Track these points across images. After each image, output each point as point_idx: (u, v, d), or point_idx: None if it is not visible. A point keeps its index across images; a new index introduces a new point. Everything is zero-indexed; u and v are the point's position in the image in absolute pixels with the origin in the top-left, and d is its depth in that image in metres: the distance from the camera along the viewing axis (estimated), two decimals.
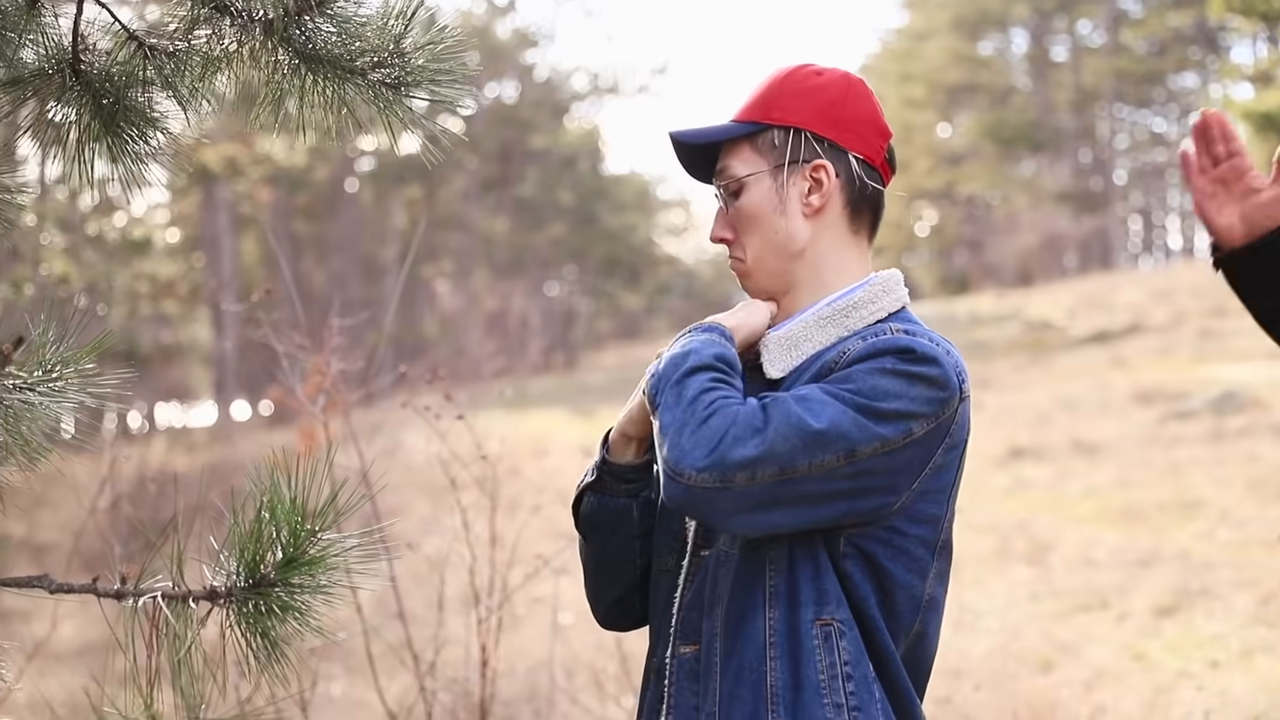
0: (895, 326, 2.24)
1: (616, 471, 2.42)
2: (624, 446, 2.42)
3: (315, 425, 5.28)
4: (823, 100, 2.34)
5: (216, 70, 2.13)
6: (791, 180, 2.31)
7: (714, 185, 2.38)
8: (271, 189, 41.27)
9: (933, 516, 2.24)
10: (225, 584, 2.07)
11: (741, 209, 2.33)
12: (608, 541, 2.45)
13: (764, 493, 2.06)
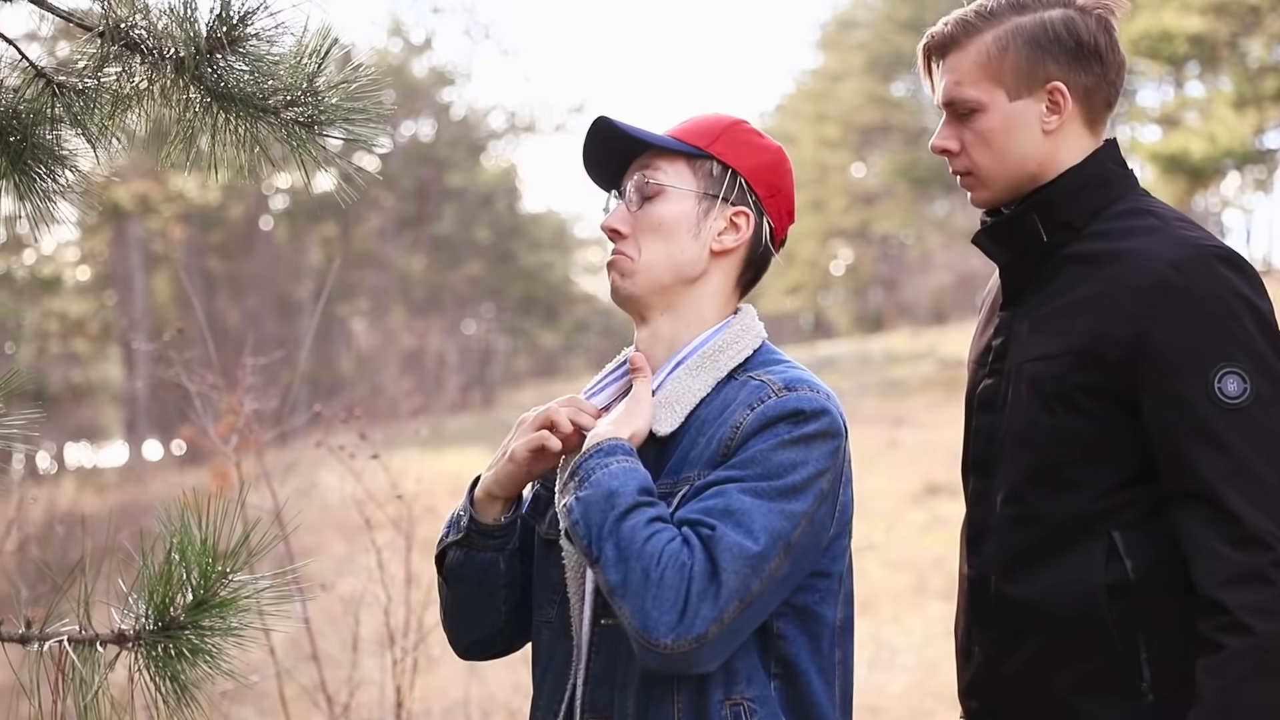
0: (774, 384, 2.24)
1: (483, 530, 2.40)
2: (489, 506, 2.40)
3: (228, 465, 5.23)
4: (763, 160, 2.39)
5: (127, 108, 2.11)
6: (715, 214, 2.34)
7: (633, 180, 2.37)
8: (184, 226, 40.87)
9: (843, 547, 2.29)
10: (134, 627, 2.04)
11: (653, 215, 2.34)
12: (474, 592, 2.45)
13: (733, 628, 2.10)
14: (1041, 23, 2.34)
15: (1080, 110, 2.38)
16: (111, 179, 2.36)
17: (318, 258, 47.20)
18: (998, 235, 2.47)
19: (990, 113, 2.38)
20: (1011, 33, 2.35)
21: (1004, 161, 2.40)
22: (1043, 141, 2.38)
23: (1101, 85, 2.38)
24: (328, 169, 2.25)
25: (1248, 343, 2.17)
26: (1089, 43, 2.35)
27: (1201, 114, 36.81)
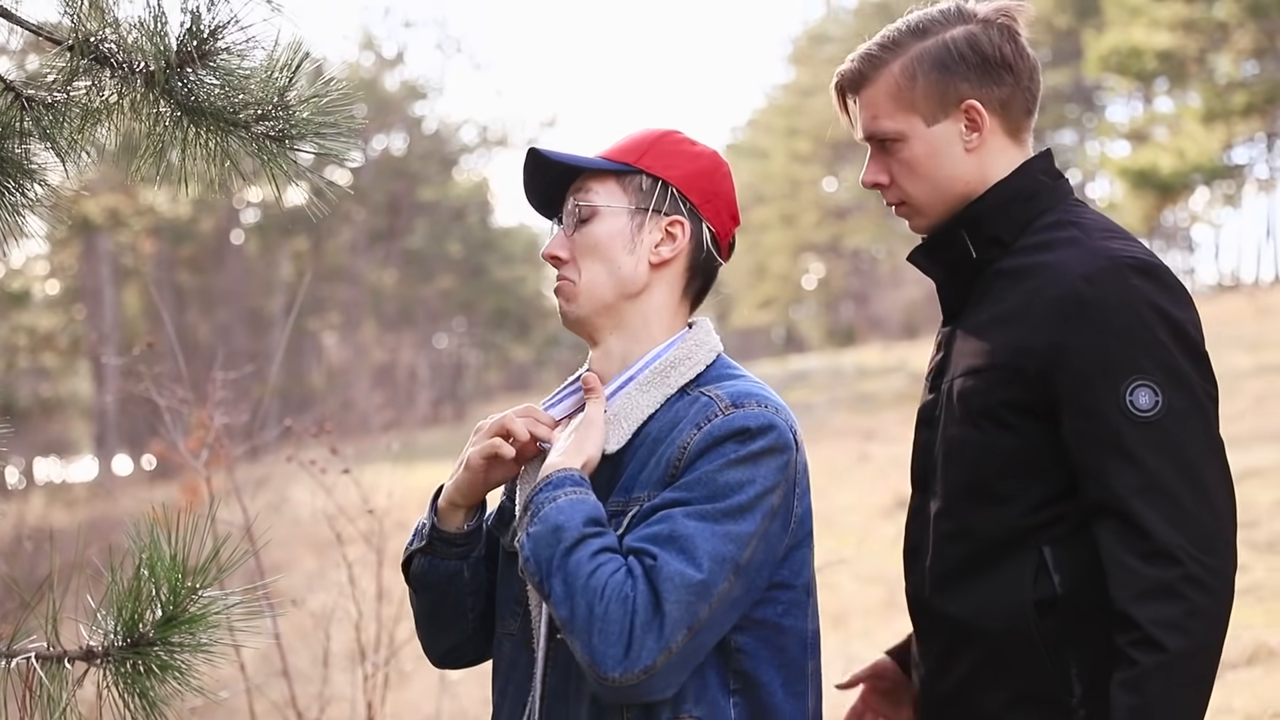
0: (721, 400, 2.24)
1: (446, 538, 2.41)
2: (453, 514, 2.41)
3: (198, 480, 5.21)
4: (694, 167, 2.40)
5: (96, 122, 2.10)
6: (648, 226, 2.35)
7: (568, 205, 2.39)
8: (155, 240, 40.73)
9: (804, 558, 2.29)
10: (102, 643, 2.03)
11: (589, 236, 2.35)
12: (440, 599, 2.45)
13: (683, 655, 2.09)
14: (944, 44, 2.35)
15: (1000, 123, 2.37)
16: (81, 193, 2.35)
17: (289, 272, 47.08)
18: (931, 253, 2.46)
19: (911, 141, 2.38)
20: (917, 59, 2.36)
21: (935, 187, 2.39)
22: (968, 160, 2.37)
23: (1017, 94, 2.38)
24: (299, 183, 2.24)
25: (1160, 354, 2.16)
26: (994, 55, 2.34)
27: (1170, 129, 37.10)
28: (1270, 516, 11.23)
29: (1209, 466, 2.19)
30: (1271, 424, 15.23)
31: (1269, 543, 10.39)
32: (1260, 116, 34.30)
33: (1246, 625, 8.14)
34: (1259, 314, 24.77)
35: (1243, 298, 30.16)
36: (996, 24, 2.37)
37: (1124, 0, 33.13)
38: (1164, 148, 33.89)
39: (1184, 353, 2.19)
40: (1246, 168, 44.35)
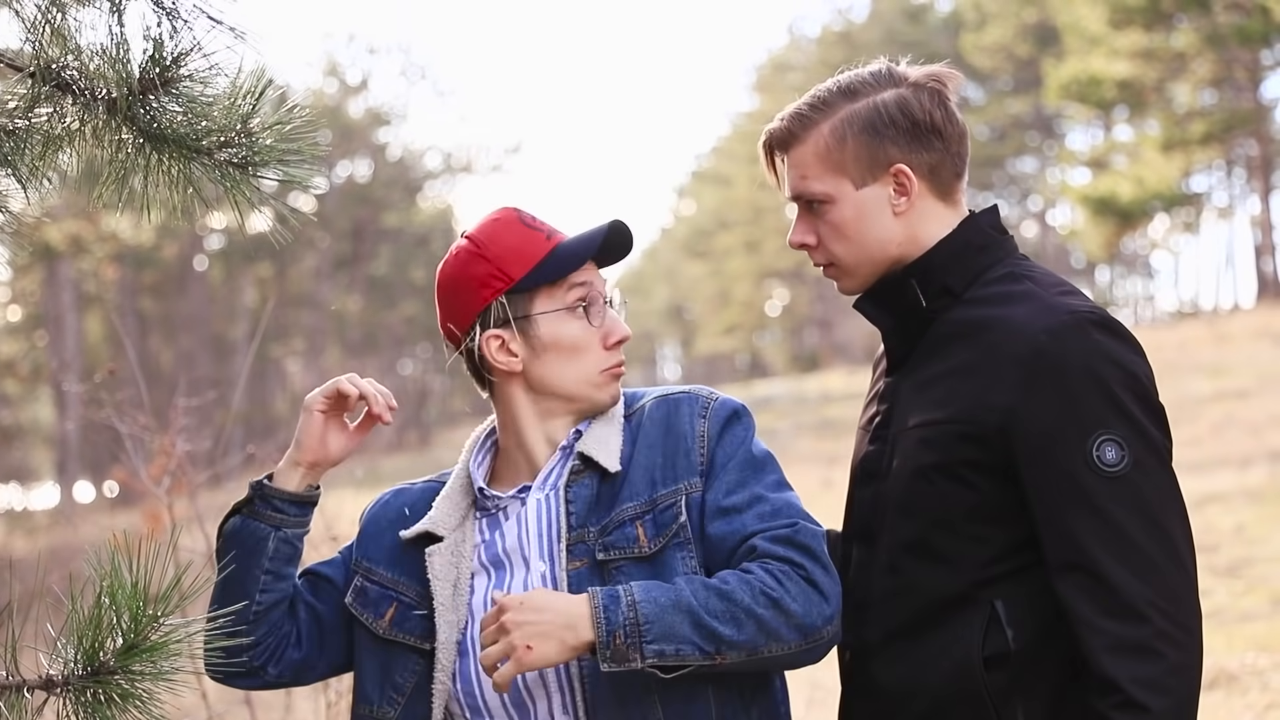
0: (697, 391, 2.47)
1: (269, 494, 2.44)
2: (290, 473, 2.47)
3: (160, 507, 5.17)
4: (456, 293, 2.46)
5: (58, 148, 2.10)
6: (490, 355, 2.44)
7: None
8: (117, 267, 40.51)
9: None
10: (62, 672, 2.02)
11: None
12: (234, 568, 2.43)
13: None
14: (874, 107, 2.33)
15: (929, 186, 2.36)
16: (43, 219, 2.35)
17: (252, 298, 46.90)
18: (879, 301, 2.43)
19: (840, 204, 2.35)
20: (846, 121, 2.33)
21: (863, 249, 2.37)
22: (896, 224, 2.36)
23: (945, 159, 2.37)
24: (262, 209, 2.24)
25: (1124, 409, 2.16)
26: (924, 120, 2.33)
27: (1130, 157, 37.40)
28: (1230, 541, 11.31)
29: (1173, 520, 2.19)
30: (1230, 449, 15.35)
31: (1229, 567, 10.46)
32: (1218, 145, 34.65)
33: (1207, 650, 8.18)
34: (1218, 340, 24.97)
35: (1202, 324, 30.39)
36: (927, 89, 2.35)
37: (1083, 29, 33.39)
38: (1124, 175, 34.14)
39: (1144, 407, 2.19)
40: (1205, 195, 44.78)
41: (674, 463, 2.35)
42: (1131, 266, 57.07)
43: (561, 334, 2.38)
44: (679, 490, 2.33)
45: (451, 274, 2.46)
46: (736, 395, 2.55)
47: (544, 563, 2.37)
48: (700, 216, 66.33)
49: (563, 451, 2.44)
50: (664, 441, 2.38)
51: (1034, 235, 57.17)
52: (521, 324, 2.38)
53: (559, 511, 2.38)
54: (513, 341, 2.39)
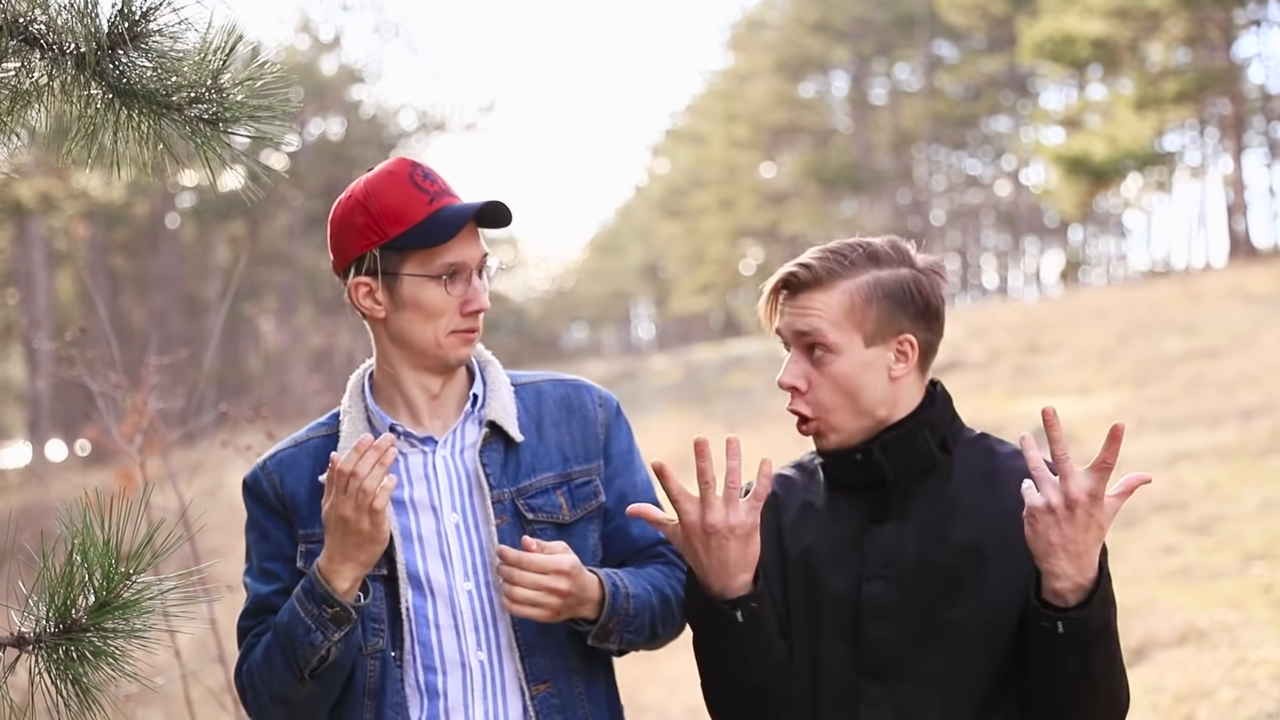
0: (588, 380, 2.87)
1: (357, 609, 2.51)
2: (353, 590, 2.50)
3: (133, 465, 5.16)
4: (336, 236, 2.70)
5: (27, 104, 2.08)
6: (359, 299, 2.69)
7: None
8: (88, 224, 40.25)
9: None
10: (34, 630, 2.02)
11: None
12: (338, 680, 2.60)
13: None
14: (898, 279, 2.50)
15: (918, 361, 2.53)
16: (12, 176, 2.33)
17: (225, 256, 46.68)
18: (892, 451, 2.53)
19: (845, 356, 2.49)
20: (873, 284, 2.48)
21: (855, 404, 2.50)
22: (889, 387, 2.51)
23: (934, 341, 2.56)
24: (234, 167, 2.22)
25: None
26: (934, 304, 2.53)
27: (1103, 116, 37.44)
28: (1200, 499, 11.39)
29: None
30: (1202, 408, 15.43)
31: (1199, 524, 10.54)
32: (1192, 104, 34.72)
33: (1177, 606, 8.26)
34: (1189, 299, 25.07)
35: (1174, 283, 30.49)
36: (931, 276, 2.54)
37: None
38: (1097, 134, 34.20)
39: None
40: (1178, 154, 44.87)
41: (585, 444, 2.73)
42: (1104, 226, 57.19)
43: (421, 296, 2.56)
44: (592, 470, 2.72)
45: (337, 217, 2.69)
46: (710, 355, 2.76)
47: (456, 514, 2.63)
48: (674, 175, 66.23)
49: (467, 415, 2.69)
50: (569, 421, 2.74)
51: (1007, 195, 57.29)
52: (388, 279, 2.57)
53: (473, 471, 2.64)
54: (378, 292, 2.59)
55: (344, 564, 2.43)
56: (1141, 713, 6.21)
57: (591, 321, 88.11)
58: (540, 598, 2.48)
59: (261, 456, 2.74)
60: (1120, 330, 22.53)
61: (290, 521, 2.64)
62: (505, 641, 2.60)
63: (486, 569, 2.60)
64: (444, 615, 2.59)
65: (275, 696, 2.53)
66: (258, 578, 2.65)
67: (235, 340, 46.71)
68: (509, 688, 2.59)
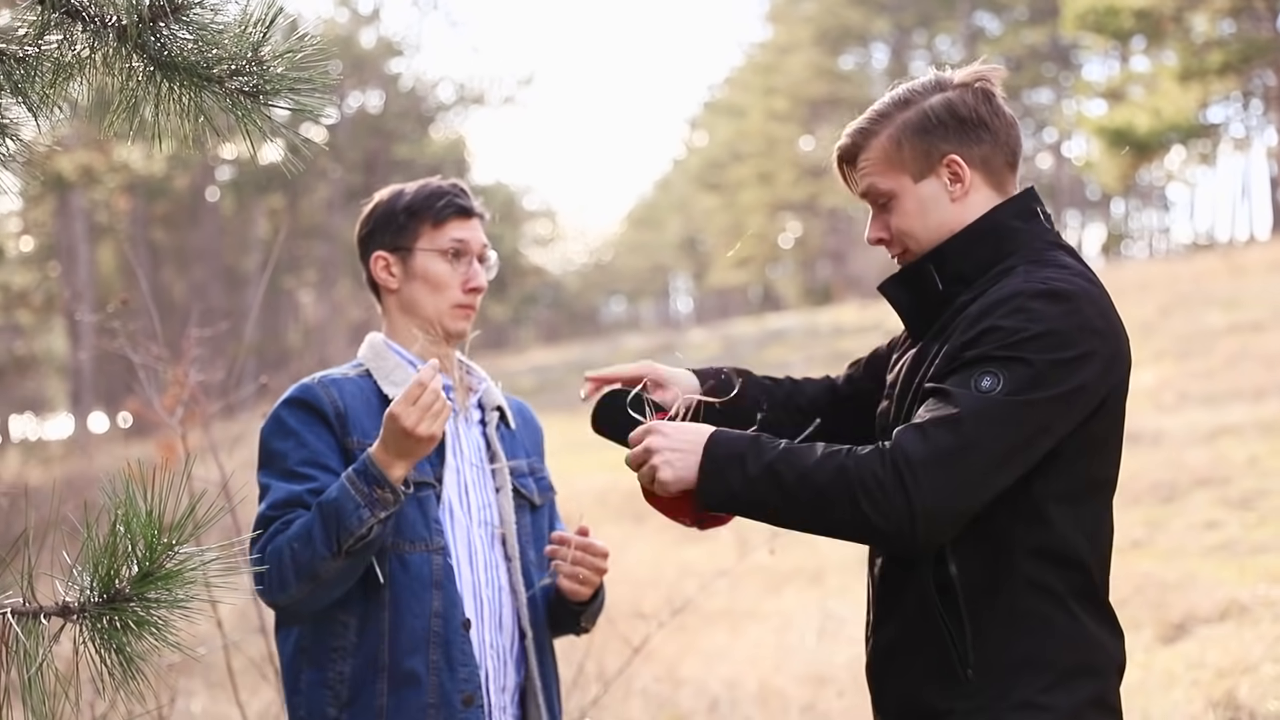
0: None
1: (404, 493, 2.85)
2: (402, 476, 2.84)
3: (174, 437, 5.19)
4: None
5: (69, 77, 2.08)
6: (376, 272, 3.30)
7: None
8: (129, 197, 40.48)
9: None
10: (78, 600, 2.03)
11: None
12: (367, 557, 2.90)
13: None
14: (925, 111, 2.63)
15: (982, 176, 2.63)
16: (54, 149, 2.34)
17: (264, 229, 46.89)
18: (903, 284, 2.72)
19: (903, 198, 2.65)
20: (901, 127, 2.64)
21: (928, 234, 2.65)
22: (955, 208, 2.63)
23: (995, 150, 2.63)
24: (274, 140, 2.23)
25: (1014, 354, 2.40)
26: (970, 116, 2.62)
27: (1146, 88, 37.06)
28: (1243, 474, 11.32)
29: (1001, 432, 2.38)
30: (1245, 382, 15.33)
31: (1242, 499, 10.47)
32: (1236, 75, 34.31)
33: (1219, 581, 8.22)
34: (1233, 273, 24.88)
35: (1217, 257, 30.26)
36: (972, 88, 2.64)
37: None
38: (1140, 106, 33.87)
39: (1044, 353, 2.39)
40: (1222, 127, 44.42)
41: (538, 447, 3.32)
42: (1147, 199, 56.77)
43: (430, 269, 3.07)
44: (544, 469, 3.32)
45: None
46: (748, 329, 2.82)
47: (472, 470, 3.10)
48: (713, 148, 66.03)
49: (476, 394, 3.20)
50: (526, 426, 3.30)
51: (1049, 167, 56.90)
52: (403, 253, 3.10)
53: (482, 442, 3.16)
54: (394, 265, 3.11)
55: (399, 459, 2.75)
56: (1183, 689, 6.19)
57: (629, 295, 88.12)
58: (591, 576, 3.02)
59: (305, 380, 3.05)
60: (1162, 304, 22.39)
61: (341, 429, 2.95)
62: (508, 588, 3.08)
63: (489, 525, 3.08)
64: (462, 550, 3.02)
65: (303, 570, 2.73)
66: (288, 479, 2.89)
67: (275, 313, 46.95)
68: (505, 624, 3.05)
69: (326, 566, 2.72)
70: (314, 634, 2.91)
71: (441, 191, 3.17)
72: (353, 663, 2.86)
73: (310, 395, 2.98)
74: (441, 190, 3.17)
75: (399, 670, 2.86)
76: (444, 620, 2.89)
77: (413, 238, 3.10)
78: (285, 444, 2.92)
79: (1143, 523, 10.40)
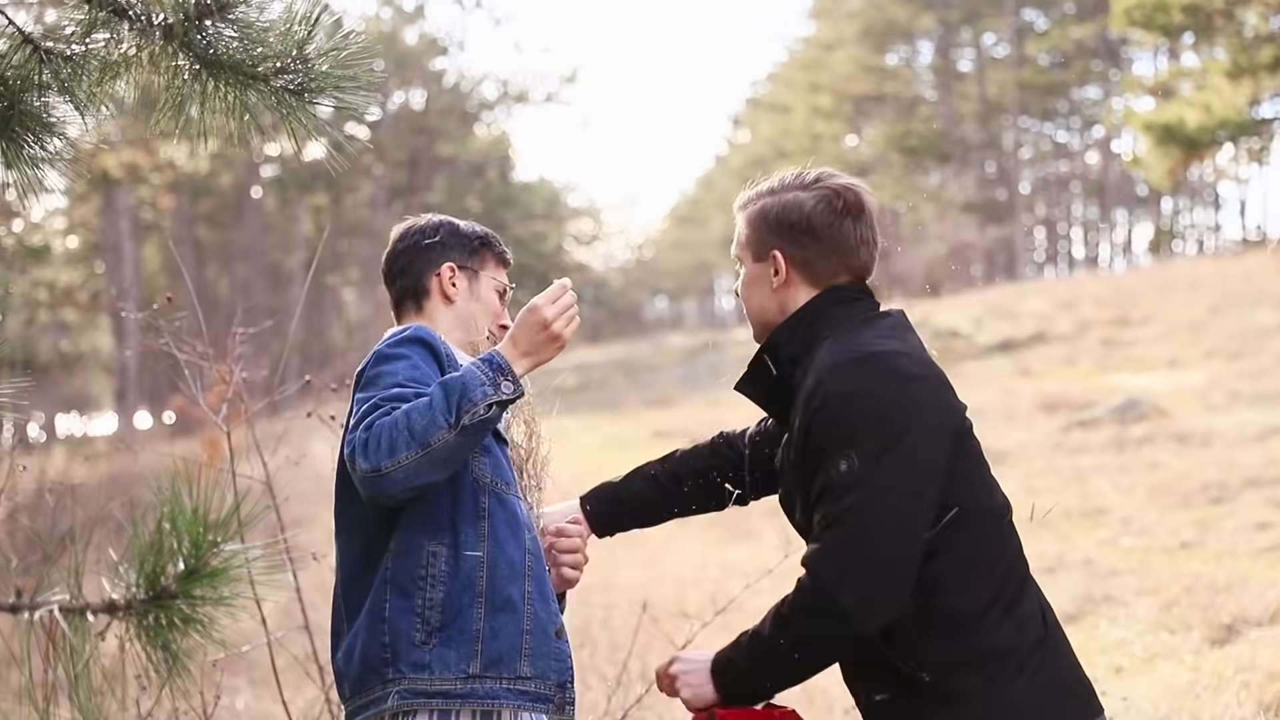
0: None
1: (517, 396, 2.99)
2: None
3: (218, 435, 5.20)
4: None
5: (115, 75, 2.09)
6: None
7: None
8: (174, 195, 40.74)
9: None
10: (124, 596, 2.03)
11: None
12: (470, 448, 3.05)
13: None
14: (771, 206, 2.94)
15: (800, 274, 2.92)
16: (100, 146, 2.35)
17: (308, 227, 47.09)
18: (752, 379, 3.02)
19: (745, 268, 3.02)
20: (759, 213, 2.97)
21: (752, 303, 3.01)
22: (773, 296, 2.96)
23: (820, 256, 2.91)
24: (318, 137, 2.23)
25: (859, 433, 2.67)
26: (800, 223, 2.90)
27: (1196, 84, 36.67)
28: None
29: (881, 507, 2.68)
30: None
31: None
32: None
33: (1270, 582, 8.13)
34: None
35: (1268, 254, 29.96)
36: (828, 199, 2.91)
37: None
38: (1190, 103, 33.51)
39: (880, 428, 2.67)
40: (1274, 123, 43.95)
41: None
42: (1197, 196, 56.28)
43: (487, 295, 3.33)
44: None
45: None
46: None
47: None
48: (756, 145, 65.82)
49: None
50: None
51: (1096, 164, 56.48)
52: (471, 274, 3.32)
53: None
54: (459, 279, 3.31)
55: (524, 357, 2.94)
56: (1233, 691, 6.12)
57: (672, 293, 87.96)
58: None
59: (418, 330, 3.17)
60: (1212, 302, 22.17)
61: (444, 371, 3.06)
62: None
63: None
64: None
65: (417, 436, 2.80)
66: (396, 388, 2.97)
67: (318, 311, 47.17)
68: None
69: (440, 437, 2.80)
70: (403, 563, 2.97)
71: (498, 238, 3.45)
72: (445, 589, 2.95)
73: (424, 333, 3.12)
74: (497, 237, 3.45)
75: (498, 597, 2.97)
76: (535, 558, 3.07)
77: (481, 263, 3.34)
78: (395, 365, 3.01)
79: (1193, 524, 10.30)
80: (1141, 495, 11.63)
